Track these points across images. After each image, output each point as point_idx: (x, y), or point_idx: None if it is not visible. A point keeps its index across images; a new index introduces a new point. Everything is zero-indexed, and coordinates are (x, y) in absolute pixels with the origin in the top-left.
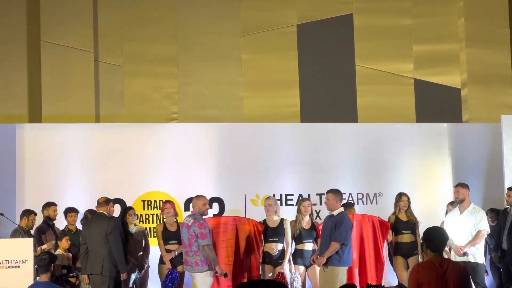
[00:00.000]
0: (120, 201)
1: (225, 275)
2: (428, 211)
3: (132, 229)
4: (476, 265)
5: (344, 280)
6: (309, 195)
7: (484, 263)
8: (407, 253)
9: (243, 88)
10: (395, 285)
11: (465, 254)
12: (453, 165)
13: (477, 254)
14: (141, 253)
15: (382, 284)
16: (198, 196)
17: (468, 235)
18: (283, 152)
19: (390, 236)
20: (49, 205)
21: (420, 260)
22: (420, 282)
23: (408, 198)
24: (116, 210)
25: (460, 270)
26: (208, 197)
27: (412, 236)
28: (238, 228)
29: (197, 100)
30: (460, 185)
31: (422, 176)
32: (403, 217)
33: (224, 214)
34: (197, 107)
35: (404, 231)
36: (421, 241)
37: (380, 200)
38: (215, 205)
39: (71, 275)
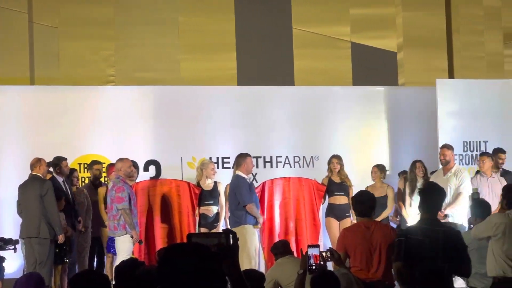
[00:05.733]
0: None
1: (140, 242)
2: (365, 173)
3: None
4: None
5: None
6: None
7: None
8: (340, 215)
9: (180, 51)
10: (326, 249)
11: (446, 216)
12: (389, 128)
13: (458, 216)
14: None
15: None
16: (122, 159)
17: (450, 198)
18: (220, 115)
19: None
20: None
21: (354, 222)
22: (347, 246)
23: (339, 160)
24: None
25: (386, 230)
26: (145, 160)
27: (345, 198)
28: (175, 190)
29: (134, 62)
30: (446, 147)
31: (358, 139)
32: (336, 179)
33: (160, 177)
34: (134, 69)
35: (337, 193)
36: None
37: (317, 163)
38: (152, 168)
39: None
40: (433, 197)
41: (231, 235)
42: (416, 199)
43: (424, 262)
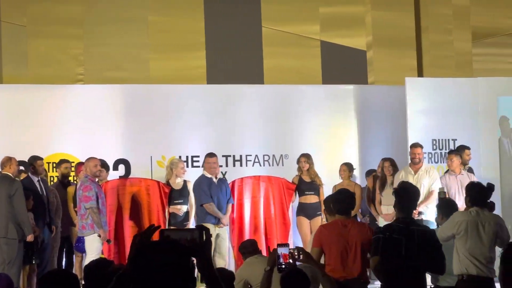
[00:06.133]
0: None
1: (108, 241)
2: (334, 172)
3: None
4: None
5: None
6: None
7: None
8: (311, 214)
9: (149, 50)
10: (293, 247)
11: (420, 213)
12: (358, 126)
13: (430, 214)
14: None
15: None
16: (89, 159)
17: (423, 195)
18: (190, 113)
19: (293, 197)
20: None
21: (324, 221)
22: (323, 242)
23: (308, 159)
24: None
25: (363, 229)
26: (114, 159)
27: (315, 197)
28: (144, 189)
29: (103, 61)
30: (419, 146)
31: (328, 138)
32: (306, 178)
33: (130, 176)
34: (103, 68)
35: (307, 192)
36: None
37: (286, 162)
38: (121, 167)
39: None
40: (408, 197)
41: (204, 231)
42: (386, 195)
43: (400, 260)
